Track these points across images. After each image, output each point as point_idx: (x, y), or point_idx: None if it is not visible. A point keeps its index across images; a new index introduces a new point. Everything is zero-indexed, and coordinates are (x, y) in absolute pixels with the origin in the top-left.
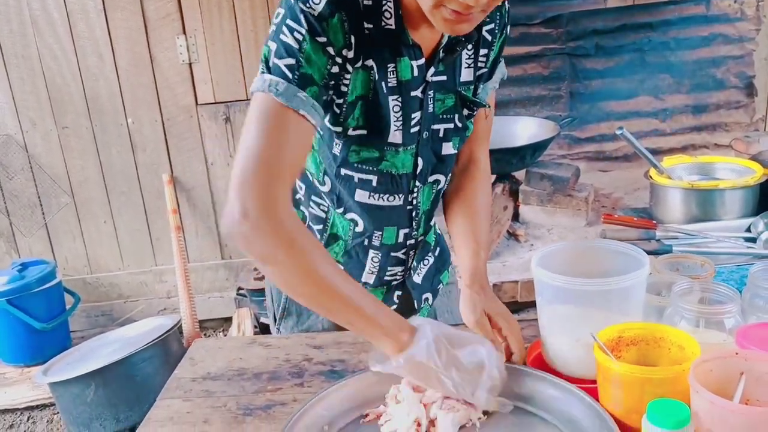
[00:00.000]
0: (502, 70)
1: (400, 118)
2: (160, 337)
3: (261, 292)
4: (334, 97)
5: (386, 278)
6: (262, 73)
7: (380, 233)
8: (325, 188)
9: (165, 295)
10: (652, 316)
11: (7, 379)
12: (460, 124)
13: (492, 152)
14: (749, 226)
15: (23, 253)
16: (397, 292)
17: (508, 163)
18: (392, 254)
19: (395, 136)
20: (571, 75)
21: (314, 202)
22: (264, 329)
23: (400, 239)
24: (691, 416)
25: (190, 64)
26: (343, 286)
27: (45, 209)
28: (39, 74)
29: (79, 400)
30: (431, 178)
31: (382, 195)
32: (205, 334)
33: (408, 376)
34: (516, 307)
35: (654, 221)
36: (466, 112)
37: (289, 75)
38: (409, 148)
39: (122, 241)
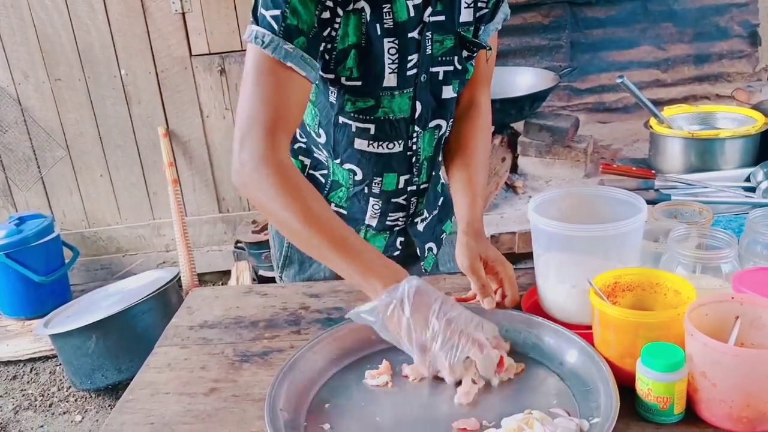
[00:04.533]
0: (504, 10)
1: (396, 61)
2: (159, 289)
3: (259, 245)
4: (327, 44)
5: (388, 223)
6: (251, 23)
7: (380, 179)
8: (321, 140)
9: (163, 248)
10: (649, 263)
11: (9, 331)
12: (459, 67)
13: (490, 103)
14: (749, 176)
15: (20, 207)
16: (400, 238)
17: (507, 113)
18: (393, 200)
19: (390, 79)
20: (572, 24)
21: (316, 151)
22: (262, 282)
23: (401, 185)
24: (685, 359)
25: (183, 14)
26: (338, 230)
27: (40, 163)
28: (29, 24)
29: (81, 352)
30: (432, 123)
31: (381, 143)
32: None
33: (380, 329)
34: (513, 258)
35: (653, 171)
36: (465, 53)
37: (275, 27)
38: (405, 91)
39: (119, 195)
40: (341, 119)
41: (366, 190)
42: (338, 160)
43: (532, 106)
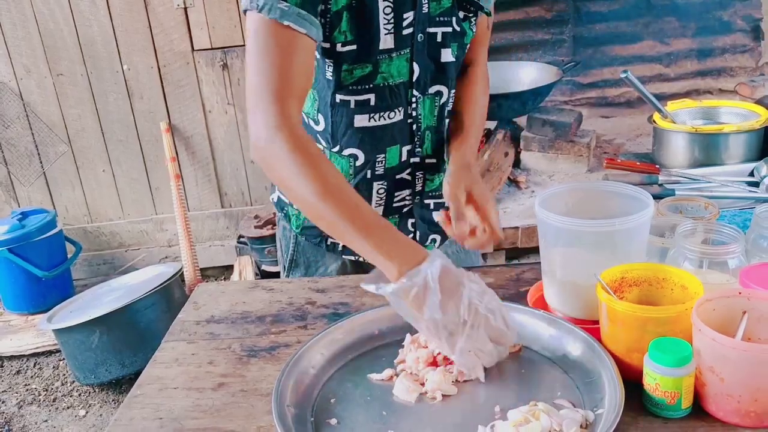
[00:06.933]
0: None
1: (392, 20)
2: (162, 284)
3: (262, 240)
4: (322, 5)
5: (395, 205)
6: None
7: (383, 156)
8: (320, 128)
9: (166, 243)
10: (655, 258)
11: (12, 326)
12: (458, 28)
13: (493, 97)
14: (752, 171)
15: (23, 203)
16: (411, 220)
17: (510, 108)
18: (397, 177)
19: (386, 41)
20: (575, 18)
21: None
22: (265, 277)
23: (404, 158)
24: (693, 354)
25: (185, 9)
26: (353, 203)
27: (43, 158)
28: (31, 19)
29: (84, 347)
30: (432, 89)
31: (382, 114)
32: (206, 282)
33: (398, 309)
34: (517, 253)
35: (657, 166)
36: (462, 14)
37: None
38: (402, 52)
39: (121, 190)
40: (339, 97)
41: (369, 175)
42: (337, 148)
43: (535, 100)
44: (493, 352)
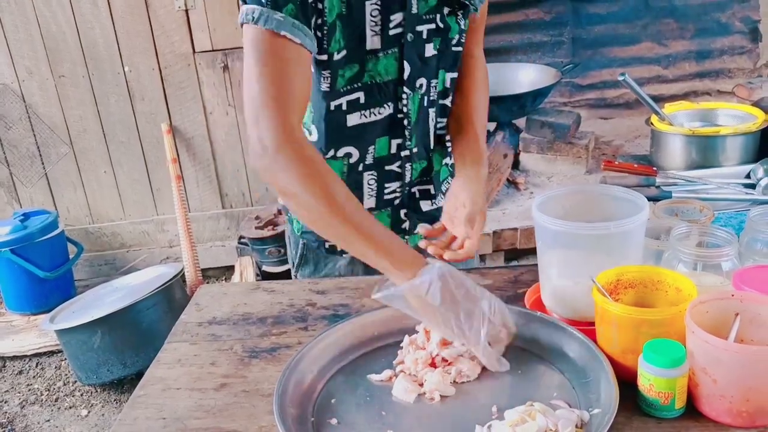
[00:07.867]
0: None
1: (379, 22)
2: (163, 285)
3: (262, 240)
4: (317, 18)
5: (386, 197)
6: (242, 4)
7: (373, 147)
8: (313, 138)
9: (167, 244)
10: (651, 261)
11: (14, 326)
12: (441, 25)
13: (492, 99)
14: (749, 173)
15: (24, 204)
16: (403, 210)
17: (509, 110)
18: (386, 168)
19: (373, 42)
20: (574, 20)
21: None
22: (266, 277)
23: (393, 150)
24: (686, 356)
25: (186, 11)
26: (359, 217)
27: (44, 159)
28: (33, 21)
29: (86, 347)
30: (417, 83)
31: (372, 109)
32: (207, 283)
33: (408, 310)
34: (515, 254)
35: (654, 168)
36: (446, 10)
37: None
38: (390, 52)
39: (123, 191)
40: (332, 104)
41: (360, 168)
42: (331, 152)
43: (533, 102)
44: (492, 352)
